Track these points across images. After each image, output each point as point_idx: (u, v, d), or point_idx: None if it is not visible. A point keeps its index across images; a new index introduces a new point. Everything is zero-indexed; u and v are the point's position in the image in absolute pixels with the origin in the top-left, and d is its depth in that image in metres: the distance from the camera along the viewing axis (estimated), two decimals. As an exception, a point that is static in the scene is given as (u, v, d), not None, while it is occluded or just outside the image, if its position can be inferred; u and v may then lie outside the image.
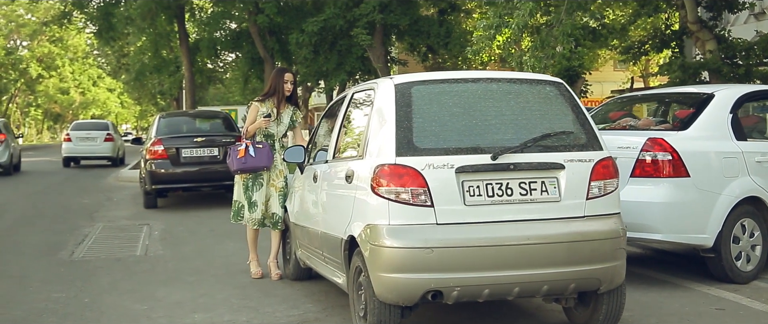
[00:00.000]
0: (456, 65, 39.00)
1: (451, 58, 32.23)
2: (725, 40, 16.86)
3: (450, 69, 39.84)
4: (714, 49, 15.66)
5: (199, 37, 28.60)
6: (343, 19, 22.78)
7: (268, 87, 7.42)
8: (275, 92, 7.26)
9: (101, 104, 72.94)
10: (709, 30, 16.44)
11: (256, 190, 7.18)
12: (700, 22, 16.26)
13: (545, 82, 5.12)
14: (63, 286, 7.02)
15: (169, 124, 14.06)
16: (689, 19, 16.06)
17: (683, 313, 5.64)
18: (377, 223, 4.60)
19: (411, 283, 4.51)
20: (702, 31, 16.04)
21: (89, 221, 11.67)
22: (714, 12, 18.09)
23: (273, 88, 7.28)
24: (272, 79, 7.37)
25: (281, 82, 7.28)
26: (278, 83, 7.27)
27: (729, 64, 15.72)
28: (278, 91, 7.26)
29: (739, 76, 15.38)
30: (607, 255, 4.73)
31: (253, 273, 7.19)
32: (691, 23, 16.07)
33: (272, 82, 7.33)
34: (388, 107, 4.80)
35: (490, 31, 15.08)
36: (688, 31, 16.65)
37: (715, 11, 17.99)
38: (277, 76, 7.34)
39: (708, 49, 15.76)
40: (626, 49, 21.22)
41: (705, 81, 15.50)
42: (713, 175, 6.47)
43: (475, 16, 33.52)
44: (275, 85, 7.27)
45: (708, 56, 15.43)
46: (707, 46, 15.87)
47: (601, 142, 4.91)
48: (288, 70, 7.51)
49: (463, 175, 4.58)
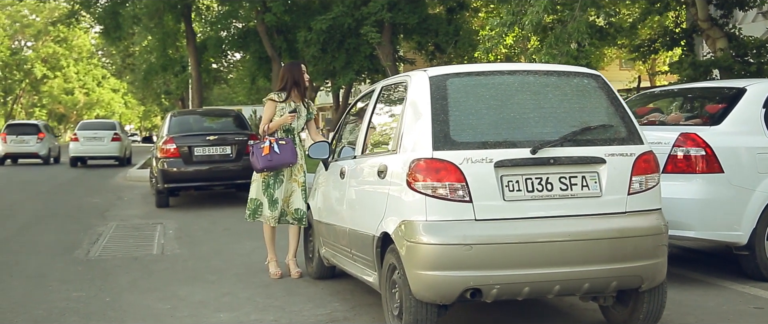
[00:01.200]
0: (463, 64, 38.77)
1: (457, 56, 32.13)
2: (736, 37, 16.76)
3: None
4: (725, 46, 15.54)
5: (206, 37, 28.45)
6: (351, 17, 22.66)
7: (283, 81, 7.21)
8: (296, 85, 7.12)
9: (105, 105, 72.87)
10: (720, 28, 16.34)
11: (277, 187, 7.05)
12: (711, 20, 16.16)
13: (583, 75, 4.98)
14: (82, 285, 6.89)
15: (181, 123, 13.95)
16: (700, 17, 15.94)
17: (721, 312, 5.50)
18: (413, 219, 4.46)
19: (449, 281, 4.37)
20: (713, 29, 15.94)
21: (102, 220, 11.55)
22: (725, 10, 18.01)
23: (292, 80, 7.13)
24: (287, 72, 7.19)
25: (300, 73, 7.15)
26: (298, 75, 7.13)
27: (740, 62, 15.62)
28: (299, 83, 7.12)
29: (750, 74, 15.26)
30: (649, 252, 4.59)
31: (272, 273, 7.04)
32: (702, 21, 15.95)
33: (288, 75, 7.15)
34: (422, 100, 4.67)
35: (503, 28, 14.98)
36: (699, 29, 16.53)
37: (726, 9, 17.90)
38: (294, 69, 7.19)
39: (719, 47, 15.64)
40: (636, 48, 21.10)
41: (716, 79, 15.38)
42: (747, 171, 6.33)
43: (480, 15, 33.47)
44: (295, 78, 7.12)
45: (719, 54, 15.31)
46: (718, 44, 15.75)
47: (641, 135, 4.77)
48: (302, 62, 7.36)
49: (501, 170, 4.45)
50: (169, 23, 27.72)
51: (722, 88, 7.39)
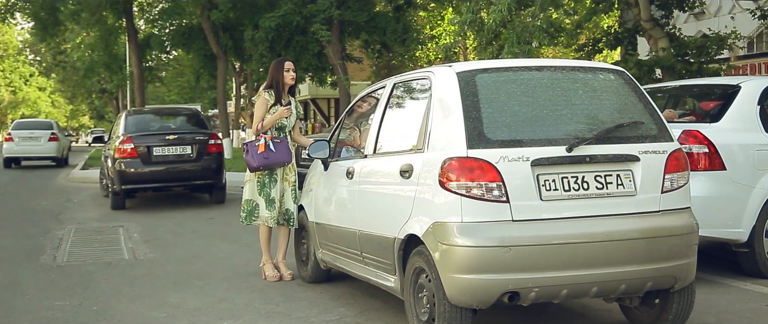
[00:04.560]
0: (403, 63, 38.88)
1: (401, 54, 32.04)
2: (677, 37, 17.18)
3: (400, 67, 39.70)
4: (666, 46, 15.90)
5: (149, 34, 27.65)
6: (299, 15, 22.34)
7: (270, 80, 7.00)
8: (277, 84, 6.89)
9: (32, 103, 70.60)
10: (661, 28, 16.71)
11: (273, 187, 6.79)
12: (653, 20, 16.51)
13: (609, 70, 4.88)
14: (62, 293, 6.50)
15: (138, 122, 13.42)
16: (643, 17, 16.26)
17: (736, 311, 5.47)
18: (448, 220, 4.28)
19: (488, 284, 4.21)
20: (655, 29, 16.29)
21: (58, 224, 11.03)
22: (666, 10, 18.43)
23: (274, 79, 6.90)
24: (273, 70, 6.97)
25: (282, 72, 6.91)
26: (279, 74, 6.90)
27: (681, 61, 15.97)
28: (280, 82, 6.89)
29: (691, 73, 15.64)
30: (683, 251, 4.51)
31: (268, 276, 6.78)
32: (645, 21, 16.26)
33: (273, 73, 6.94)
34: (452, 97, 4.48)
35: (463, 26, 14.94)
36: (642, 28, 16.86)
37: (667, 9, 18.33)
38: (278, 67, 6.95)
39: (661, 47, 15.97)
40: (581, 47, 21.38)
41: (660, 79, 15.69)
42: (747, 168, 6.35)
43: (421, 13, 33.50)
44: (277, 77, 6.89)
45: (661, 54, 15.62)
46: (660, 43, 16.10)
47: (671, 133, 4.70)
48: (288, 59, 7.10)
49: (538, 168, 4.30)
50: (109, 19, 26.81)
51: (717, 86, 7.42)
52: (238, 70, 35.85)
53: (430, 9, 31.66)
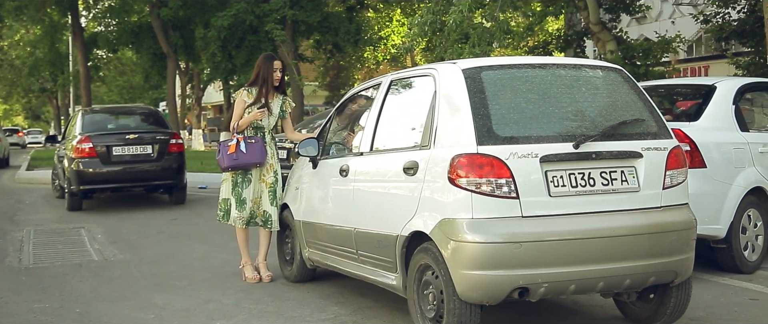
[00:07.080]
0: (350, 63, 38.78)
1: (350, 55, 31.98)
2: (624, 41, 17.59)
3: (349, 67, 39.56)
4: (614, 49, 16.27)
5: (96, 31, 27.01)
6: (252, 14, 22.17)
7: (254, 76, 6.88)
8: (264, 83, 6.76)
9: (-38, 102, 68.33)
10: (609, 31, 17.09)
11: (245, 187, 6.67)
12: (601, 23, 16.88)
13: (609, 68, 4.95)
14: (39, 295, 6.30)
15: (96, 121, 13.06)
16: (591, 20, 16.60)
17: (722, 304, 5.59)
18: (457, 217, 4.27)
19: (498, 280, 4.22)
20: (603, 33, 16.67)
21: (15, 226, 10.70)
22: (613, 14, 18.85)
23: (260, 77, 6.77)
24: (259, 66, 6.82)
25: (270, 69, 6.78)
26: (266, 71, 6.76)
27: (629, 63, 16.35)
28: (266, 80, 6.76)
29: (638, 75, 16.00)
30: (684, 246, 4.60)
31: (248, 278, 6.65)
32: (594, 24, 16.61)
33: (259, 70, 6.80)
34: (459, 93, 4.48)
35: (424, 27, 14.98)
36: (590, 31, 17.21)
37: (614, 13, 18.76)
38: (265, 64, 6.79)
39: (609, 49, 16.34)
40: (531, 50, 21.71)
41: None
42: (725, 165, 6.51)
43: (370, 14, 33.52)
44: (263, 74, 6.76)
45: (609, 56, 15.97)
46: (608, 46, 16.47)
47: (669, 130, 4.78)
48: (276, 57, 6.97)
49: (546, 165, 4.33)
50: (54, 15, 26.10)
51: (693, 85, 7.58)
52: (183, 70, 35.33)
53: (379, 9, 31.70)
